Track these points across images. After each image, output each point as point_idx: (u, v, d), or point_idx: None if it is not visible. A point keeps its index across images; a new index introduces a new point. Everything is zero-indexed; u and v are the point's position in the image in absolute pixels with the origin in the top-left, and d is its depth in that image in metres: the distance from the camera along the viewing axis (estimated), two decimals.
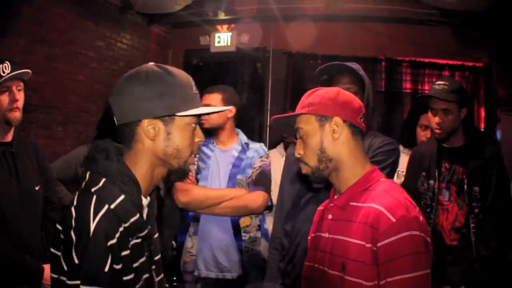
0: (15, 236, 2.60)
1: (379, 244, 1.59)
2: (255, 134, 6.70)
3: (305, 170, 1.82)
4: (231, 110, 3.23)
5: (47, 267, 2.69)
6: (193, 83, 1.59)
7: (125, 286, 1.45)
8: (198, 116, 1.61)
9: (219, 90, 3.27)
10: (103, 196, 1.45)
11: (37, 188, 2.81)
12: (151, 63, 1.58)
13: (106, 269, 1.38)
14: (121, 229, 1.44)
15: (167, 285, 1.88)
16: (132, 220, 1.47)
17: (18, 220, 2.64)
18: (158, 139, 1.53)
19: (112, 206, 1.44)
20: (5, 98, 2.64)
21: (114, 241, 1.41)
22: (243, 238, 3.10)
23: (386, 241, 1.57)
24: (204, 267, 3.12)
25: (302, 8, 6.18)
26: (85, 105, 5.72)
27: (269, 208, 3.21)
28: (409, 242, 1.56)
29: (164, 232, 3.78)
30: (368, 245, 1.61)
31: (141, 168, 1.55)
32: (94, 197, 1.45)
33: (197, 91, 1.59)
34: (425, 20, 6.07)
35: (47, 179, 2.94)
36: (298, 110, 1.84)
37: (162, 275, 1.77)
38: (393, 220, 1.57)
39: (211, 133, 3.28)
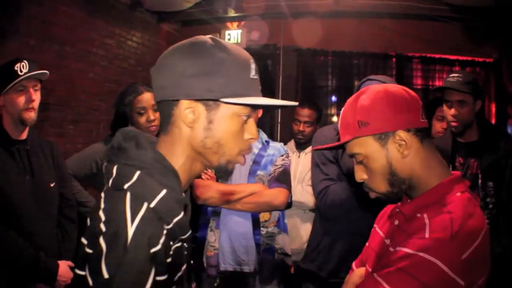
0: (30, 233, 2.61)
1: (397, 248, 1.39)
2: (266, 131, 6.70)
3: (374, 195, 1.56)
4: (259, 110, 3.24)
5: (61, 264, 2.71)
6: (253, 66, 1.28)
7: None
8: (253, 107, 1.30)
9: None
10: (139, 193, 1.18)
11: (52, 185, 2.81)
12: (208, 35, 1.30)
13: (148, 285, 1.11)
14: (164, 232, 1.18)
15: None
16: (176, 220, 1.20)
17: (33, 216, 2.65)
18: (197, 127, 1.25)
19: (152, 205, 1.17)
20: (21, 98, 2.64)
21: (158, 247, 1.14)
22: (261, 232, 3.12)
23: (403, 249, 1.36)
24: (223, 260, 3.14)
25: (312, 4, 6.18)
26: (95, 103, 5.75)
27: (289, 205, 3.21)
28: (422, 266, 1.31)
29: None
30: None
31: (178, 159, 1.27)
32: (128, 194, 1.17)
33: (256, 77, 1.29)
34: (435, 16, 6.07)
35: (62, 176, 2.95)
36: (345, 131, 1.54)
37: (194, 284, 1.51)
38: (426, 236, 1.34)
39: None
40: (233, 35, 6.61)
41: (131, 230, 1.11)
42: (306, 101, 4.96)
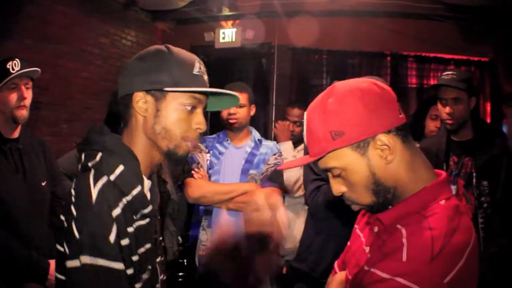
0: (22, 232, 2.61)
1: (372, 269, 1.28)
2: (260, 130, 6.69)
3: (357, 208, 1.43)
4: (251, 108, 3.33)
5: (53, 263, 2.70)
6: (198, 65, 1.49)
7: (134, 266, 1.36)
8: (199, 99, 1.50)
9: (246, 89, 3.32)
10: (101, 168, 1.39)
11: (43, 184, 2.82)
12: (164, 45, 1.54)
13: (112, 239, 1.30)
14: (124, 201, 1.38)
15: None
16: (134, 193, 1.40)
17: (24, 215, 2.65)
18: (148, 115, 1.47)
19: (112, 178, 1.38)
20: (13, 95, 2.65)
21: (118, 211, 1.34)
22: None
23: (378, 272, 1.24)
24: None
25: (307, 3, 6.16)
26: (90, 102, 5.73)
27: None
28: None
29: (169, 228, 3.79)
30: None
31: (137, 146, 1.49)
32: (92, 171, 1.39)
33: (200, 73, 1.49)
34: (430, 14, 6.06)
35: (54, 175, 2.96)
36: (315, 145, 1.34)
37: (164, 276, 1.65)
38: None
39: (227, 130, 3.34)
40: (227, 34, 6.59)
41: (94, 193, 1.33)
42: (297, 101, 4.96)
